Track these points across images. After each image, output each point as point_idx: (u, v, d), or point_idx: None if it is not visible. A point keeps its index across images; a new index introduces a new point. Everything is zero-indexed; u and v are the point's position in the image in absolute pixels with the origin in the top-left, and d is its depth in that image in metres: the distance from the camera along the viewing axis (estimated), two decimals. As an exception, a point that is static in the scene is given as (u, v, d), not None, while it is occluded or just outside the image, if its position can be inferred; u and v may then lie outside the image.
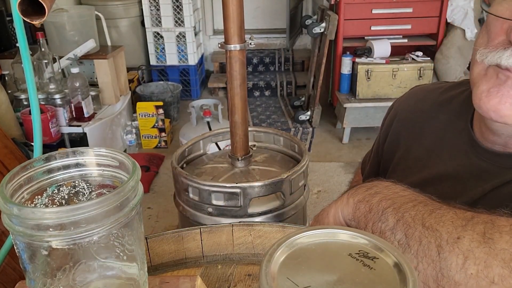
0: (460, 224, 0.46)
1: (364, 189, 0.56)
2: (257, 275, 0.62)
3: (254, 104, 4.02)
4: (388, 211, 0.50)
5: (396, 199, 0.51)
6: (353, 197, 0.56)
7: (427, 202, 0.50)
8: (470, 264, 0.43)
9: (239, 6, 0.93)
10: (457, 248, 0.44)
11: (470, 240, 0.44)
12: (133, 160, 0.42)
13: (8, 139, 1.71)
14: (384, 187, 0.55)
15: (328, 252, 0.35)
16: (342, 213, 0.56)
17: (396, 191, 0.53)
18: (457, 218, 0.46)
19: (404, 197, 0.52)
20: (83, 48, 2.70)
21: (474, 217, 0.46)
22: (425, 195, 0.53)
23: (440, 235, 0.45)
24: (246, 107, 1.04)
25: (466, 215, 0.47)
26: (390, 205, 0.51)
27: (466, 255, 0.43)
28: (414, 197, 0.52)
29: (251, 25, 4.61)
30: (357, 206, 0.54)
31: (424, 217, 0.48)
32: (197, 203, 1.01)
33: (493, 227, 0.44)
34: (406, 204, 0.50)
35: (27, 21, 0.58)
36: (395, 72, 2.96)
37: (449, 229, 0.45)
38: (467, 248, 0.43)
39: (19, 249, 0.37)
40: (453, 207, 0.49)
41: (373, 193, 0.54)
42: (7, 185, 0.38)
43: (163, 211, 2.49)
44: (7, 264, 1.20)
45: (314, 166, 2.78)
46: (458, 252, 0.44)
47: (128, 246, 0.40)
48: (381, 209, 0.51)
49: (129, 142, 3.12)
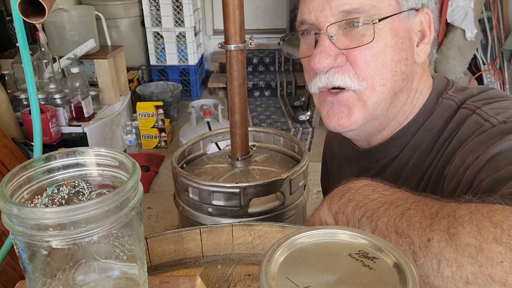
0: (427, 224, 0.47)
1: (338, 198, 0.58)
2: (257, 275, 0.62)
3: (254, 104, 4.02)
4: (363, 221, 0.52)
5: (368, 205, 0.53)
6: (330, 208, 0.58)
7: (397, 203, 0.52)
8: (444, 267, 0.43)
9: (239, 6, 0.93)
10: (430, 252, 0.45)
11: (438, 240, 0.45)
12: (133, 160, 0.42)
13: (8, 139, 1.71)
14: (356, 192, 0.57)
15: (328, 252, 0.35)
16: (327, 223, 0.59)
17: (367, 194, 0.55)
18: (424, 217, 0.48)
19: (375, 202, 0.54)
20: (83, 48, 2.70)
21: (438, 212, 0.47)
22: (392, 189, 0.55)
23: (413, 241, 0.46)
24: (246, 107, 1.04)
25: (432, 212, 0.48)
26: (364, 214, 0.53)
27: (439, 258, 0.44)
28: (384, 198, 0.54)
29: (251, 25, 4.61)
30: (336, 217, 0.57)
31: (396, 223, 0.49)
32: (197, 203, 1.01)
33: (455, 220, 0.45)
34: (378, 209, 0.52)
35: (27, 21, 0.58)
36: (395, 72, 2.95)
37: (419, 232, 0.47)
38: (437, 250, 0.44)
39: (19, 249, 0.37)
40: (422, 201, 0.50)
41: (346, 201, 0.56)
42: (7, 185, 0.38)
43: (163, 211, 2.49)
44: (7, 264, 1.20)
45: (314, 166, 2.77)
46: (431, 257, 0.44)
47: (128, 246, 0.40)
48: (356, 220, 0.53)
49: (129, 142, 3.12)
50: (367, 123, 0.71)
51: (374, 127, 0.74)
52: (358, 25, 0.65)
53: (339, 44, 0.66)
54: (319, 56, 0.66)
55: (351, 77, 0.67)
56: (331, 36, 0.66)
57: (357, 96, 0.68)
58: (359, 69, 0.66)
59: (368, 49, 0.65)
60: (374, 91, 0.68)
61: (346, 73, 0.67)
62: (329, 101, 0.71)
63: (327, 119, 0.72)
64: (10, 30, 3.09)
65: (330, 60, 0.66)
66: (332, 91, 0.70)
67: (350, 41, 0.66)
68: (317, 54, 0.66)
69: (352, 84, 0.67)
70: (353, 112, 0.69)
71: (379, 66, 0.66)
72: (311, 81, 0.72)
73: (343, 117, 0.70)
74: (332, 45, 0.66)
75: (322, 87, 0.70)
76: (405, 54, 0.68)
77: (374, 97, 0.68)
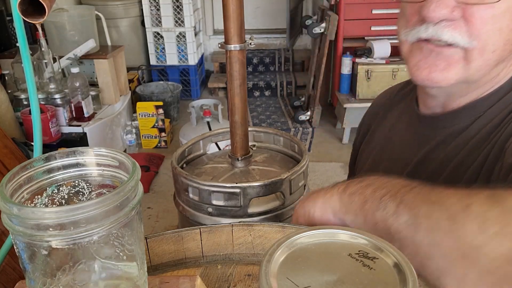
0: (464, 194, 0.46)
1: (355, 183, 0.56)
2: (257, 275, 0.62)
3: (254, 104, 4.02)
4: (386, 199, 0.50)
5: (390, 187, 0.52)
6: (344, 191, 0.56)
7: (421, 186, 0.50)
8: (489, 225, 0.42)
9: (239, 6, 0.93)
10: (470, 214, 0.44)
11: (480, 204, 0.44)
12: (133, 160, 0.42)
13: (8, 139, 1.71)
14: (375, 179, 0.55)
15: (328, 252, 0.35)
16: (333, 209, 0.57)
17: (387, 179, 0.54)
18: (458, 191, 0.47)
19: (398, 184, 0.52)
20: (83, 48, 2.70)
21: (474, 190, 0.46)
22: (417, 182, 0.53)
23: (449, 206, 0.45)
24: (246, 107, 1.04)
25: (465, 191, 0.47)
26: (386, 193, 0.51)
27: (482, 218, 0.43)
28: (407, 183, 0.52)
29: (251, 25, 4.61)
30: (350, 199, 0.54)
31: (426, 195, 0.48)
32: (197, 203, 1.01)
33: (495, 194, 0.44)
34: (402, 189, 0.51)
35: (27, 21, 0.58)
36: (395, 73, 2.96)
37: (455, 200, 0.46)
38: (479, 212, 0.43)
39: (19, 249, 0.37)
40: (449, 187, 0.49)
41: (365, 185, 0.54)
42: (7, 185, 0.38)
43: (163, 211, 2.49)
44: (7, 264, 1.20)
45: (314, 166, 2.78)
46: (472, 218, 0.43)
47: (128, 246, 0.40)
48: (377, 198, 0.51)
49: (129, 142, 3.12)
50: (458, 84, 0.67)
51: (460, 90, 0.70)
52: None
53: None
54: (436, 4, 0.60)
55: (462, 33, 0.62)
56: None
57: (464, 54, 0.63)
58: (474, 27, 0.61)
59: (489, 9, 0.60)
60: (483, 55, 0.63)
61: (458, 29, 0.62)
62: (427, 50, 0.65)
63: (416, 69, 0.66)
64: (10, 30, 3.09)
65: (446, 11, 0.61)
66: (438, 43, 0.64)
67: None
68: (434, 1, 0.61)
69: (462, 41, 0.62)
70: (451, 68, 0.64)
71: (495, 30, 0.62)
72: (409, 29, 0.66)
73: (436, 70, 0.64)
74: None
75: (425, 38, 0.64)
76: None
77: (480, 61, 0.64)
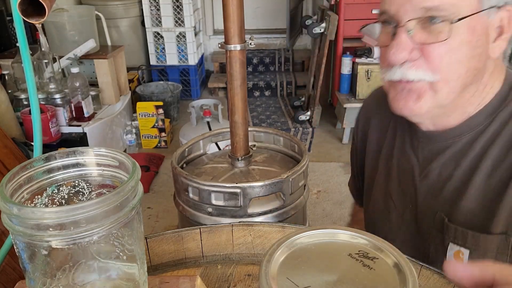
0: None
1: None
2: (257, 275, 0.62)
3: (254, 104, 4.02)
4: None
5: None
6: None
7: None
8: None
9: (239, 6, 0.93)
10: None
11: None
12: (133, 160, 0.42)
13: (8, 139, 1.71)
14: None
15: (328, 252, 0.35)
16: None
17: None
18: None
19: None
20: (83, 48, 2.70)
21: None
22: None
23: None
24: (246, 107, 1.05)
25: None
26: None
27: None
28: None
29: (251, 25, 4.61)
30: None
31: None
32: (197, 203, 1.01)
33: None
34: None
35: (27, 21, 0.58)
36: (395, 72, 2.96)
37: None
38: None
39: (19, 249, 0.37)
40: None
41: None
42: (7, 185, 0.38)
43: (163, 211, 2.49)
44: (7, 264, 1.20)
45: (314, 166, 2.78)
46: None
47: (128, 246, 0.40)
48: None
49: (129, 142, 3.12)
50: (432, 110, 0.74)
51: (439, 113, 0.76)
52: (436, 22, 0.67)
53: (415, 38, 0.69)
54: (395, 49, 0.69)
55: (425, 70, 0.69)
56: (408, 30, 0.68)
57: (429, 85, 0.71)
58: (433, 63, 0.69)
59: (444, 45, 0.67)
60: (448, 84, 0.70)
61: (420, 67, 0.69)
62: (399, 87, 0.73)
63: (394, 101, 0.75)
64: (10, 30, 3.09)
65: (405, 54, 0.69)
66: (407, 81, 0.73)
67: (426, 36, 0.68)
68: (393, 47, 0.69)
69: (426, 76, 0.70)
70: (422, 98, 0.72)
71: (454, 62, 0.69)
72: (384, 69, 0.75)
73: (410, 101, 0.72)
74: (408, 40, 0.69)
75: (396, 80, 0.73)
76: (480, 51, 0.70)
77: (446, 88, 0.71)
